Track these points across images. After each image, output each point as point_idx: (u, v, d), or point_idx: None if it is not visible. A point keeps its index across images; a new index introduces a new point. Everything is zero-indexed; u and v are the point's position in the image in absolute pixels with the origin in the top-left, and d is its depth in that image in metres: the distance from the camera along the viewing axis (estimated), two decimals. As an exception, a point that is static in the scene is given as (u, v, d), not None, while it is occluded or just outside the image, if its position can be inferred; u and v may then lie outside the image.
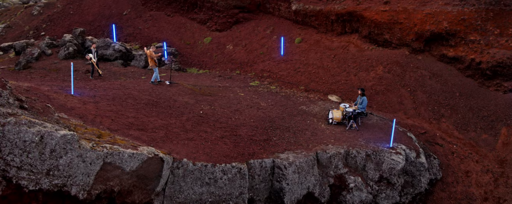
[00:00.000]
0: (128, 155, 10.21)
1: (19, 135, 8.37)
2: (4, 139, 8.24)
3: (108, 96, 15.50)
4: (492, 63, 19.16)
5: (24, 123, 8.51)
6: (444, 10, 20.68)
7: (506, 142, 17.72)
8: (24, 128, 8.43)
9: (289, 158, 13.91)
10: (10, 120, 8.33)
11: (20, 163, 8.51)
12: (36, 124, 8.73)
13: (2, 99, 9.28)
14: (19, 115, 8.84)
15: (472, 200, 16.11)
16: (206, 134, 14.25)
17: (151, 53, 18.96)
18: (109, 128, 12.16)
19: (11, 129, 8.29)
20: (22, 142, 8.41)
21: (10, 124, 8.27)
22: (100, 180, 9.69)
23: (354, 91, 20.26)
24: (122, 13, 33.57)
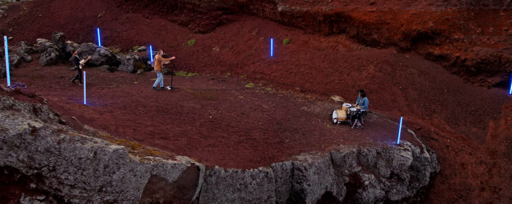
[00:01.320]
0: (171, 166, 10.09)
1: (74, 153, 8.08)
2: (60, 157, 7.92)
3: (118, 105, 15.09)
4: (477, 60, 20.39)
5: (77, 139, 8.22)
6: (429, 11, 21.72)
7: (495, 134, 18.96)
8: (78, 145, 8.14)
9: (307, 160, 14.19)
10: (65, 137, 8.02)
11: (74, 181, 8.22)
12: (87, 139, 8.45)
13: (43, 114, 8.89)
14: (66, 131, 8.52)
15: (470, 190, 17.14)
16: (224, 139, 14.24)
17: (160, 57, 18.59)
18: (136, 138, 11.90)
19: (67, 146, 7.99)
20: (78, 159, 8.12)
21: (65, 141, 7.97)
22: (147, 193, 9.52)
23: (350, 90, 20.87)
24: (96, 16, 32.47)
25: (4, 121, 7.61)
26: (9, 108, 7.93)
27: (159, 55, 18.70)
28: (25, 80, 21.69)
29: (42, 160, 7.80)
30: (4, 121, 7.61)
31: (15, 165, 7.68)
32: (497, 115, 19.51)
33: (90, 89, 18.19)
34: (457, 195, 17.01)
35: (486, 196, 16.93)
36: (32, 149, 7.66)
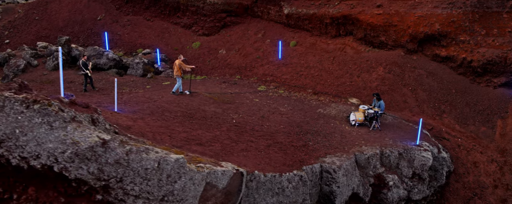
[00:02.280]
0: (221, 172, 10.23)
1: (141, 163, 8.16)
2: (127, 168, 8.00)
3: (146, 111, 15.09)
4: (483, 61, 21.04)
5: (142, 150, 8.30)
6: (435, 13, 22.29)
7: (503, 133, 19.63)
8: (144, 155, 8.23)
9: (335, 162, 14.48)
10: (131, 148, 8.10)
11: (139, 191, 8.29)
12: (150, 150, 8.54)
13: (101, 125, 8.92)
14: (127, 142, 8.59)
15: (484, 188, 17.73)
16: (253, 143, 14.41)
17: (181, 63, 18.59)
18: (174, 145, 11.98)
19: (134, 157, 8.07)
20: (144, 170, 8.20)
21: (132, 152, 8.05)
22: (201, 200, 9.63)
23: (361, 92, 21.28)
24: (96, 18, 32.15)
25: (73, 133, 7.64)
26: (73, 121, 7.96)
27: (179, 60, 18.72)
28: (34, 86, 21.39)
29: (111, 171, 7.86)
30: (74, 134, 7.65)
31: (85, 178, 7.73)
32: (504, 114, 20.19)
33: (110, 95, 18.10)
34: (472, 193, 17.57)
35: (500, 194, 17.55)
36: (102, 161, 7.72)
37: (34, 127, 7.50)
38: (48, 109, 7.55)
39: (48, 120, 7.55)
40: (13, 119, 7.52)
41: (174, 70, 18.74)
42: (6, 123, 7.53)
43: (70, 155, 7.44)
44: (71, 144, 7.48)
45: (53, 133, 7.49)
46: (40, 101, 7.56)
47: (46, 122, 7.53)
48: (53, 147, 7.43)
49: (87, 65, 19.98)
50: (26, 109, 7.51)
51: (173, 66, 19.07)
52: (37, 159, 7.53)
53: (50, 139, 7.45)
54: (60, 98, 8.52)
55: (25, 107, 7.52)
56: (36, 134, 7.49)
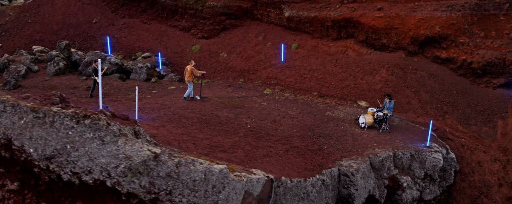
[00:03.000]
0: (256, 180, 10.37)
1: (190, 175, 8.22)
2: (177, 180, 8.06)
3: (163, 118, 15.07)
4: (483, 63, 21.64)
5: (189, 161, 8.36)
6: (435, 16, 22.81)
7: (504, 132, 20.26)
8: (192, 167, 8.29)
9: (352, 165, 14.76)
10: (180, 161, 8.16)
11: (187, 203, 8.37)
12: (195, 161, 8.61)
13: (142, 137, 8.94)
14: (172, 154, 8.64)
15: (489, 187, 18.29)
16: (272, 149, 14.57)
17: (193, 69, 18.56)
18: (201, 153, 12.03)
19: (184, 170, 8.13)
20: (192, 181, 8.27)
21: (181, 164, 8.11)
22: (240, 209, 9.75)
23: (366, 94, 21.63)
24: (91, 21, 31.73)
25: (124, 148, 7.67)
26: (120, 134, 7.98)
27: (191, 66, 18.71)
28: (37, 92, 21.05)
29: (162, 184, 7.92)
30: (125, 148, 7.68)
31: (136, 191, 7.76)
32: (504, 114, 20.83)
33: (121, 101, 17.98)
34: (478, 191, 18.11)
35: (505, 192, 18.14)
36: (154, 175, 7.77)
37: (86, 142, 7.50)
38: (99, 124, 7.56)
39: (99, 135, 7.56)
40: (64, 135, 7.51)
41: (185, 75, 18.72)
42: (56, 138, 7.52)
43: (123, 170, 7.46)
44: (124, 158, 7.50)
45: (105, 148, 7.50)
46: (91, 115, 7.56)
47: (97, 137, 7.54)
48: (106, 162, 7.44)
49: (98, 71, 19.77)
50: (76, 124, 7.50)
51: (184, 72, 19.05)
52: (89, 174, 7.54)
53: (102, 154, 7.47)
54: (103, 111, 8.51)
55: (76, 122, 7.51)
56: (88, 149, 7.49)
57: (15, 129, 7.80)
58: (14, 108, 8.05)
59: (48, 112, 7.48)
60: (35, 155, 7.53)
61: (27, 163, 7.74)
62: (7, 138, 7.86)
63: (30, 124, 7.70)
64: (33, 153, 7.53)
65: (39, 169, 7.60)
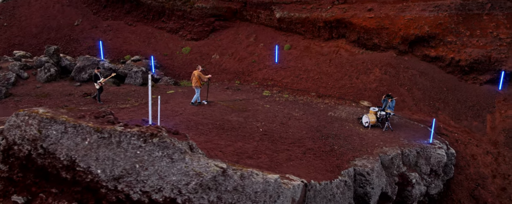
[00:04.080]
0: (297, 186, 10.63)
1: (252, 187, 8.37)
2: (242, 193, 8.19)
3: (181, 125, 14.99)
4: (470, 60, 22.76)
5: (250, 174, 8.51)
6: (423, 16, 23.73)
7: (493, 126, 21.46)
8: (253, 179, 8.44)
9: (367, 165, 15.26)
10: (243, 173, 8.29)
11: (248, 214, 8.51)
12: (254, 173, 8.76)
13: (196, 150, 8.98)
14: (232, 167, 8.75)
15: (485, 178, 19.37)
16: (290, 152, 14.84)
17: (200, 74, 18.46)
18: (231, 160, 12.13)
19: (247, 182, 8.27)
20: (254, 193, 8.42)
21: (245, 177, 8.25)
22: (287, 215, 9.98)
23: (363, 93, 22.28)
24: (72, 24, 30.79)
25: (192, 164, 7.74)
26: (185, 151, 8.03)
27: (198, 71, 18.62)
28: (31, 101, 20.36)
29: (228, 198, 8.03)
30: (193, 165, 7.75)
31: (204, 207, 7.83)
32: (492, 109, 22.04)
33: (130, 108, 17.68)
34: (474, 183, 19.14)
35: (499, 183, 19.27)
36: (222, 190, 7.88)
37: (155, 161, 7.51)
38: (167, 142, 7.58)
39: (168, 153, 7.59)
40: (132, 154, 7.49)
41: (192, 81, 18.63)
42: (124, 158, 7.48)
43: (194, 186, 7.54)
44: (195, 175, 7.57)
45: (175, 166, 7.54)
46: (158, 134, 7.56)
47: (166, 155, 7.56)
48: (176, 179, 7.49)
49: (99, 77, 19.39)
50: (144, 143, 7.50)
51: (191, 77, 18.94)
52: (159, 193, 7.56)
53: (172, 172, 7.50)
54: (159, 127, 8.50)
55: (143, 141, 7.51)
56: (157, 167, 7.51)
57: (79, 150, 7.64)
58: (76, 129, 7.88)
59: (113, 132, 7.40)
60: (103, 176, 7.43)
61: (92, 184, 7.61)
62: (71, 160, 7.69)
63: (95, 145, 7.58)
64: (101, 174, 7.42)
65: (107, 189, 7.50)
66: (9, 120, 8.18)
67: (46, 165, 7.99)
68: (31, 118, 8.11)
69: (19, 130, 8.07)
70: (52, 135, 8.00)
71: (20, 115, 8.12)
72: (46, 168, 8.03)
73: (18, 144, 8.00)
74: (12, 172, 8.34)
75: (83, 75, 22.38)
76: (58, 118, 7.95)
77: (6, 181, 8.61)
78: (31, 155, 7.98)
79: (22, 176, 8.31)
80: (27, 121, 8.12)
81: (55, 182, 8.25)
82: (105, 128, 7.72)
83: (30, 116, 8.13)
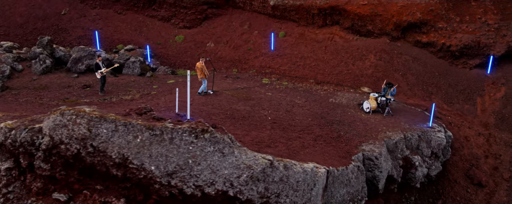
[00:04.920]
0: (323, 173, 11.06)
1: (294, 177, 8.74)
2: (286, 183, 8.55)
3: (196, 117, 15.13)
4: (460, 46, 23.61)
5: (291, 164, 8.86)
6: (415, 2, 24.34)
7: (483, 109, 22.48)
8: (295, 169, 8.81)
9: (374, 150, 15.86)
10: (286, 164, 8.64)
11: (289, 203, 8.90)
12: (292, 163, 9.11)
13: (235, 143, 9.24)
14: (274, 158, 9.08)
15: (478, 159, 20.38)
16: (302, 139, 15.27)
17: (203, 66, 18.50)
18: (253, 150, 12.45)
19: (291, 173, 8.63)
20: (296, 182, 8.80)
21: (288, 168, 8.61)
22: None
23: (360, 80, 22.85)
24: (59, 13, 30.00)
25: (241, 157, 8.03)
26: (231, 145, 8.29)
27: (201, 62, 18.69)
28: (29, 93, 19.99)
29: (274, 188, 8.39)
30: (242, 158, 8.03)
31: (253, 197, 8.19)
32: (482, 92, 23.05)
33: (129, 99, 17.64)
34: (469, 164, 20.14)
35: (491, 162, 20.33)
36: (269, 180, 8.21)
37: (207, 156, 7.76)
38: (217, 137, 7.83)
39: (219, 148, 7.85)
40: (185, 150, 7.71)
41: (198, 73, 18.68)
42: (177, 154, 7.70)
43: (245, 179, 7.84)
44: (246, 168, 7.86)
45: (226, 160, 7.81)
46: (208, 129, 7.78)
47: (218, 150, 7.82)
48: (228, 173, 7.77)
49: (100, 67, 19.21)
50: (195, 139, 7.73)
51: (195, 69, 18.99)
52: (212, 186, 7.83)
53: (224, 165, 7.78)
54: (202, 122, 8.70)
55: (194, 137, 7.73)
56: (210, 162, 7.76)
57: (131, 148, 7.76)
58: (127, 127, 7.98)
59: (165, 129, 7.58)
60: (157, 172, 7.61)
61: (145, 180, 7.77)
62: (123, 157, 7.81)
63: (148, 142, 7.72)
64: (155, 170, 7.60)
65: (160, 185, 7.69)
66: (54, 120, 8.17)
67: (95, 163, 8.09)
68: (79, 117, 8.14)
69: (66, 129, 8.10)
70: (102, 134, 8.08)
71: (66, 114, 8.11)
72: (94, 166, 8.12)
73: (66, 143, 8.04)
74: (54, 171, 8.37)
75: (80, 66, 22.04)
76: (107, 117, 8.01)
77: (46, 179, 8.66)
78: (80, 154, 8.05)
79: (65, 174, 8.37)
80: (74, 120, 8.15)
81: (100, 179, 8.36)
82: (156, 125, 7.86)
83: (77, 115, 8.15)
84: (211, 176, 7.70)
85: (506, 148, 20.82)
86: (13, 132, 8.78)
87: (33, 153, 8.63)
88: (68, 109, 8.36)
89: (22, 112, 15.33)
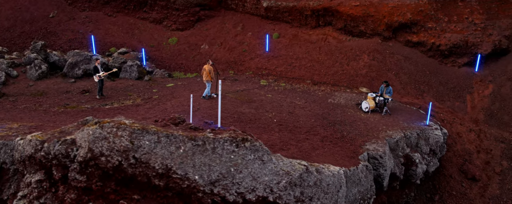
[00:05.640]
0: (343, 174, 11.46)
1: (326, 180, 9.09)
2: (319, 187, 8.90)
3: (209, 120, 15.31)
4: (449, 45, 24.48)
5: (322, 168, 9.20)
6: (405, 3, 25.08)
7: (473, 106, 23.40)
8: (327, 173, 9.15)
9: (378, 149, 16.39)
10: (318, 168, 8.98)
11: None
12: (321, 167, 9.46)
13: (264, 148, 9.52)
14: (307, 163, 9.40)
15: (471, 154, 21.26)
16: (310, 141, 15.65)
17: (211, 69, 18.62)
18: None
19: (323, 176, 8.97)
20: (327, 185, 9.15)
21: (320, 172, 8.95)
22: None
23: (355, 80, 23.42)
24: (47, 16, 29.52)
25: (278, 164, 8.33)
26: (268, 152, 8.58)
27: (208, 65, 18.82)
28: (28, 100, 19.72)
29: (308, 192, 8.73)
30: (279, 164, 8.34)
31: (290, 202, 8.51)
32: (471, 89, 23.98)
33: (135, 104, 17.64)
34: (462, 159, 20.98)
35: (483, 157, 21.24)
36: (305, 185, 8.55)
37: (248, 164, 8.03)
38: (257, 145, 8.10)
39: (259, 155, 8.12)
40: (227, 159, 7.96)
41: (203, 75, 18.81)
42: (220, 163, 7.94)
43: (284, 185, 8.15)
44: (285, 174, 8.17)
45: (266, 167, 8.10)
46: (248, 138, 8.05)
47: (258, 158, 8.10)
48: (269, 179, 8.06)
49: (98, 70, 19.12)
50: (236, 147, 7.99)
51: (201, 72, 19.10)
52: (253, 193, 8.11)
53: (264, 172, 8.06)
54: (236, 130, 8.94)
55: (235, 146, 7.98)
56: (250, 169, 8.03)
57: (174, 158, 7.92)
58: (169, 138, 8.13)
59: (207, 139, 7.80)
60: (200, 181, 7.80)
61: (188, 189, 7.95)
62: (166, 168, 7.96)
63: (191, 152, 7.91)
64: (199, 179, 7.79)
65: (203, 193, 7.89)
66: (93, 132, 8.24)
67: (136, 173, 8.22)
68: (120, 129, 8.23)
69: (106, 142, 8.19)
70: (144, 145, 8.21)
71: (106, 127, 8.18)
72: (135, 177, 8.25)
73: (107, 155, 8.13)
74: (90, 182, 8.44)
75: (77, 71, 21.83)
76: (149, 129, 8.13)
77: (80, 191, 8.71)
78: (121, 165, 8.16)
79: (102, 184, 8.45)
80: (115, 133, 8.23)
81: (137, 189, 8.49)
82: (198, 135, 8.06)
83: (119, 128, 8.24)
84: (252, 183, 7.97)
85: (496, 143, 21.78)
86: (46, 144, 8.78)
87: (67, 165, 8.67)
88: (107, 121, 8.44)
89: (30, 121, 15.19)
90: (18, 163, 9.48)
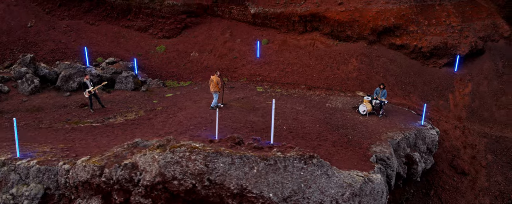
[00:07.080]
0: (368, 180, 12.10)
1: (375, 188, 9.67)
2: (371, 195, 9.46)
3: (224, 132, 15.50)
4: (431, 47, 25.91)
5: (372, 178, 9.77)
6: (388, 8, 26.28)
7: (455, 104, 24.93)
8: (374, 181, 9.73)
9: (384, 151, 17.26)
10: (369, 177, 9.54)
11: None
12: (371, 176, 10.03)
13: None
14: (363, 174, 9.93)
15: (458, 150, 22.68)
16: (325, 147, 16.24)
17: (219, 80, 18.71)
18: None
19: (374, 185, 9.54)
20: (376, 193, 9.72)
21: (371, 181, 9.52)
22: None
23: (347, 83, 24.30)
24: (25, 25, 28.43)
25: (339, 177, 8.83)
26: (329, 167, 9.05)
27: (216, 76, 18.94)
28: (25, 116, 19.08)
29: (364, 201, 9.28)
30: (340, 177, 8.85)
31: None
32: (452, 88, 25.51)
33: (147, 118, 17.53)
34: (451, 155, 22.36)
35: (469, 152, 22.72)
36: (362, 195, 9.09)
37: (316, 179, 8.48)
38: (322, 161, 8.55)
39: (324, 170, 8.58)
40: (297, 176, 8.38)
41: (210, 86, 18.91)
42: (291, 180, 8.35)
43: (348, 196, 8.67)
44: (348, 186, 8.69)
45: (331, 181, 8.58)
46: (315, 155, 8.48)
47: (323, 173, 8.56)
48: (334, 192, 8.55)
49: (87, 86, 18.79)
50: (305, 164, 8.41)
51: (209, 82, 19.19)
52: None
53: (330, 186, 8.54)
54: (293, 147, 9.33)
55: (304, 163, 8.41)
56: (318, 184, 8.49)
57: (249, 178, 8.18)
58: (242, 159, 8.37)
59: (277, 158, 8.16)
60: (275, 198, 8.12)
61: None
62: (241, 188, 8.19)
63: (264, 172, 8.20)
64: (273, 197, 8.12)
65: (275, 210, 8.25)
66: (165, 157, 8.34)
67: (209, 195, 8.41)
68: (194, 153, 8.37)
69: (179, 166, 8.31)
70: (219, 168, 8.42)
71: (178, 152, 8.29)
72: (208, 198, 8.43)
73: (179, 179, 8.25)
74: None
75: (72, 84, 21.30)
76: (223, 152, 8.32)
77: (141, 213, 8.77)
78: (195, 188, 8.31)
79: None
80: (189, 157, 8.37)
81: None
82: (268, 155, 8.37)
83: (192, 152, 8.38)
84: (320, 196, 8.40)
85: (480, 138, 23.35)
86: (107, 170, 8.74)
87: (129, 189, 8.71)
88: (177, 146, 8.55)
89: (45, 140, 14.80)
90: (66, 188, 9.35)
